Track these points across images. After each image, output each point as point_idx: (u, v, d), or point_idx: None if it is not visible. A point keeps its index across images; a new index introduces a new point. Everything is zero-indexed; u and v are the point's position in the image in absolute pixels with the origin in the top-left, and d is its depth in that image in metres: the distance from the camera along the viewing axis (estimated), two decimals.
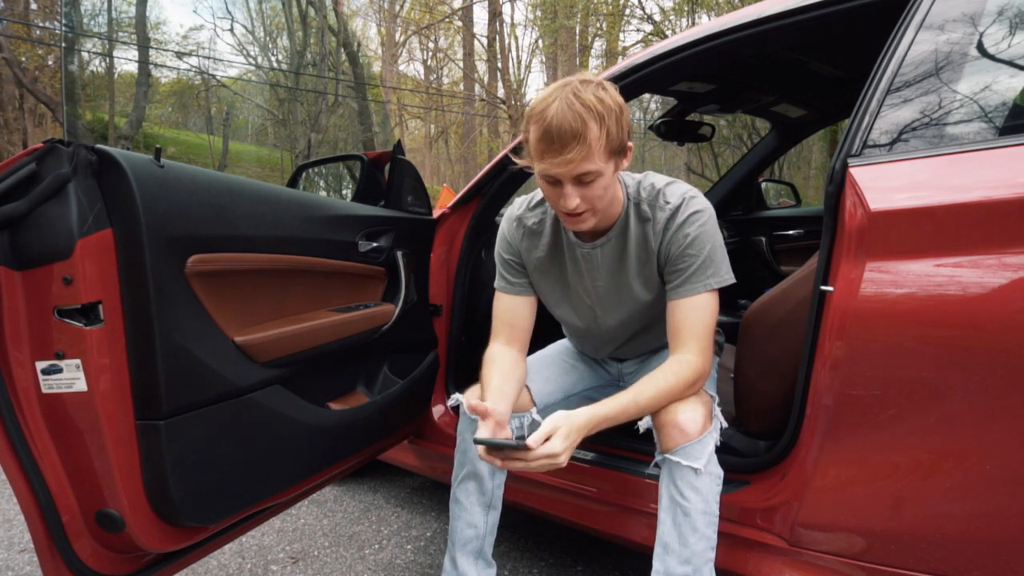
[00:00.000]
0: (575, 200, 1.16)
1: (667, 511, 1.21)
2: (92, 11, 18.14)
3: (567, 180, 1.14)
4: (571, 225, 1.24)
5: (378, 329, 1.61)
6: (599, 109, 1.10)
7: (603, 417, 1.14)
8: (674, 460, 1.19)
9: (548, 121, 1.10)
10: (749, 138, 11.12)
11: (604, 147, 1.12)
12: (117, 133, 16.31)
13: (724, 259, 1.26)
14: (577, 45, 17.61)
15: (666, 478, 1.22)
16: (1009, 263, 0.97)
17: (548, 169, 1.14)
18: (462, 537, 1.40)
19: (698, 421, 1.19)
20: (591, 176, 1.14)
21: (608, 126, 1.12)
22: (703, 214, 1.25)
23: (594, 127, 1.10)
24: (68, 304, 1.02)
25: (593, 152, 1.11)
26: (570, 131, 1.09)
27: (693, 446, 1.18)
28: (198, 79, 21.39)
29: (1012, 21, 1.10)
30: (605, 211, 1.25)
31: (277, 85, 19.30)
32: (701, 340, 1.24)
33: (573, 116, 1.09)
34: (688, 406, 1.21)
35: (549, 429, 1.09)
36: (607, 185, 1.18)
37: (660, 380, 1.20)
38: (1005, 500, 1.00)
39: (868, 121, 1.16)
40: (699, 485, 1.18)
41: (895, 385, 1.06)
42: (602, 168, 1.14)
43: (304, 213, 1.42)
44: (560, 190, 1.17)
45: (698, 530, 1.18)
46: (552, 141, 1.10)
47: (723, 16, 1.52)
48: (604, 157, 1.14)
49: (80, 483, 1.09)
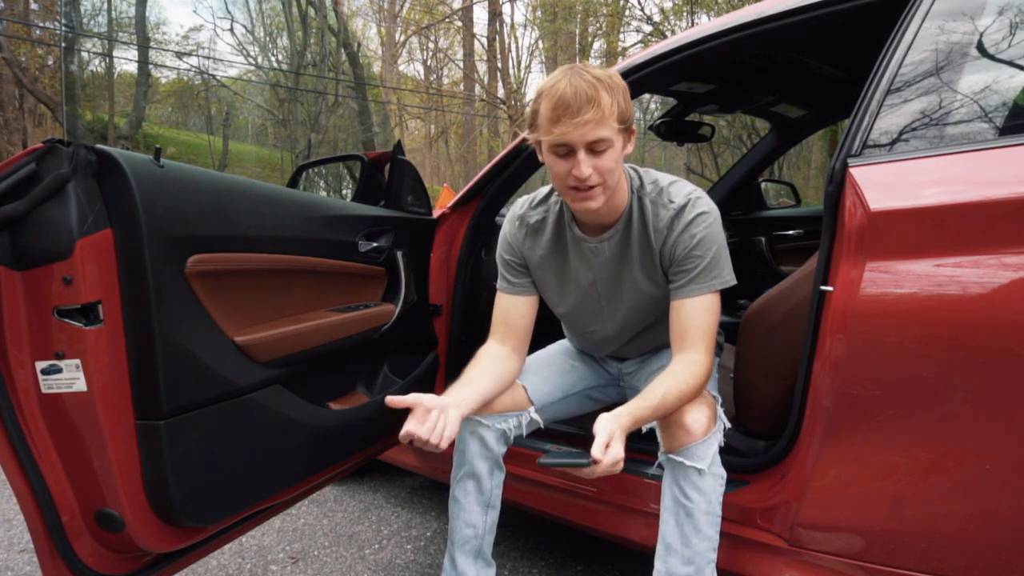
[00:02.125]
0: (588, 168, 1.15)
1: (670, 511, 1.21)
2: (92, 11, 18.17)
3: (580, 146, 1.14)
4: (581, 202, 1.20)
5: (378, 329, 1.61)
6: (608, 82, 1.15)
7: (639, 418, 1.15)
8: (678, 460, 1.19)
9: (562, 91, 1.12)
10: (749, 138, 11.12)
11: (616, 116, 1.15)
12: (117, 133, 16.31)
13: (728, 260, 1.28)
14: (577, 46, 17.61)
15: (669, 478, 1.22)
16: (1009, 263, 0.97)
17: (562, 135, 1.14)
18: (461, 537, 1.40)
19: (703, 422, 1.20)
20: (603, 144, 1.15)
21: (618, 98, 1.15)
22: (709, 215, 1.26)
23: (606, 96, 1.13)
24: (68, 304, 1.02)
25: (606, 118, 1.13)
26: (585, 96, 1.11)
27: (698, 447, 1.18)
28: (198, 79, 21.41)
29: (1012, 21, 1.10)
30: (612, 195, 1.24)
31: (277, 85, 19.30)
32: (706, 339, 1.25)
33: (587, 84, 1.12)
34: (694, 407, 1.21)
35: (606, 437, 1.08)
36: (617, 160, 1.18)
37: (680, 381, 1.20)
38: (1005, 500, 1.00)
39: (868, 121, 1.16)
40: (703, 486, 1.18)
41: (895, 385, 1.06)
42: (613, 138, 1.16)
43: (304, 213, 1.42)
44: (572, 160, 1.16)
45: (701, 530, 1.18)
46: (568, 105, 1.12)
47: (723, 16, 1.52)
48: (616, 128, 1.15)
49: (80, 483, 1.09)
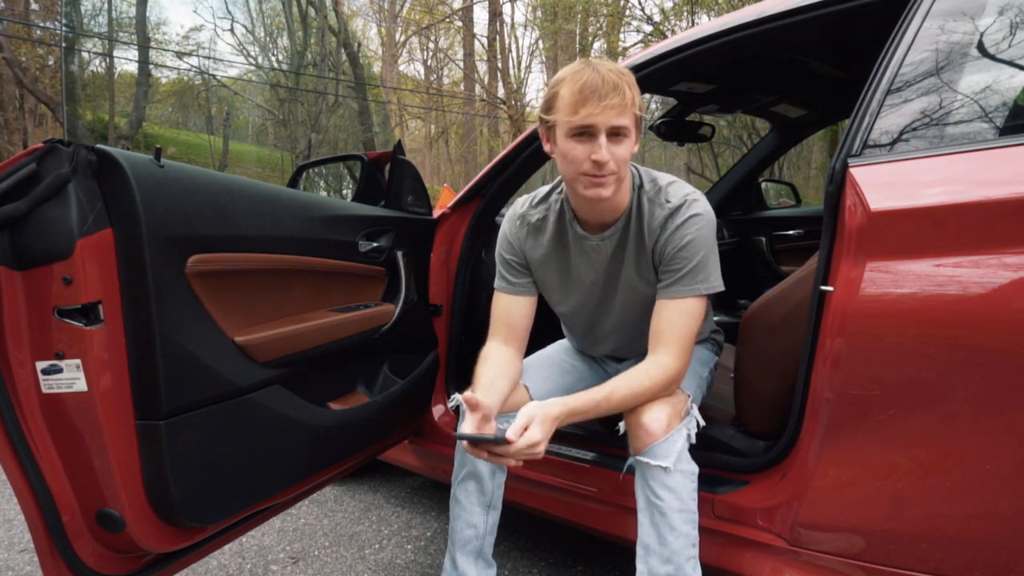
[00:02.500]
0: (607, 153, 1.16)
1: (644, 512, 1.22)
2: (92, 11, 18.17)
3: (603, 130, 1.16)
4: (593, 188, 1.21)
5: (378, 329, 1.61)
6: (627, 77, 1.18)
7: (574, 410, 1.18)
8: (644, 461, 1.21)
9: (586, 77, 1.15)
10: (749, 138, 11.12)
11: (634, 108, 1.17)
12: (117, 133, 16.31)
13: (716, 265, 1.28)
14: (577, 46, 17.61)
15: (640, 479, 1.23)
16: (1009, 263, 0.97)
17: (587, 117, 1.15)
18: (462, 537, 1.40)
19: (663, 420, 1.21)
20: (623, 132, 1.17)
21: (635, 93, 1.18)
22: (702, 218, 1.26)
23: (627, 87, 1.16)
24: (68, 304, 1.02)
25: (627, 107, 1.16)
26: (611, 83, 1.14)
27: (660, 445, 1.19)
28: (198, 79, 21.41)
29: (1012, 21, 1.10)
30: (619, 190, 1.25)
31: (277, 85, 19.30)
32: (681, 343, 1.25)
33: (610, 73, 1.15)
34: (653, 406, 1.22)
35: (525, 420, 1.13)
36: (631, 152, 1.20)
37: (634, 380, 1.23)
38: (1005, 500, 1.00)
39: (868, 121, 1.16)
40: (671, 483, 1.19)
41: (895, 385, 1.06)
42: (631, 128, 1.18)
43: (304, 213, 1.42)
44: (592, 143, 1.17)
45: (675, 528, 1.19)
46: (595, 89, 1.14)
47: (723, 16, 1.52)
48: (633, 119, 1.18)
49: (80, 483, 1.09)
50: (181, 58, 21.63)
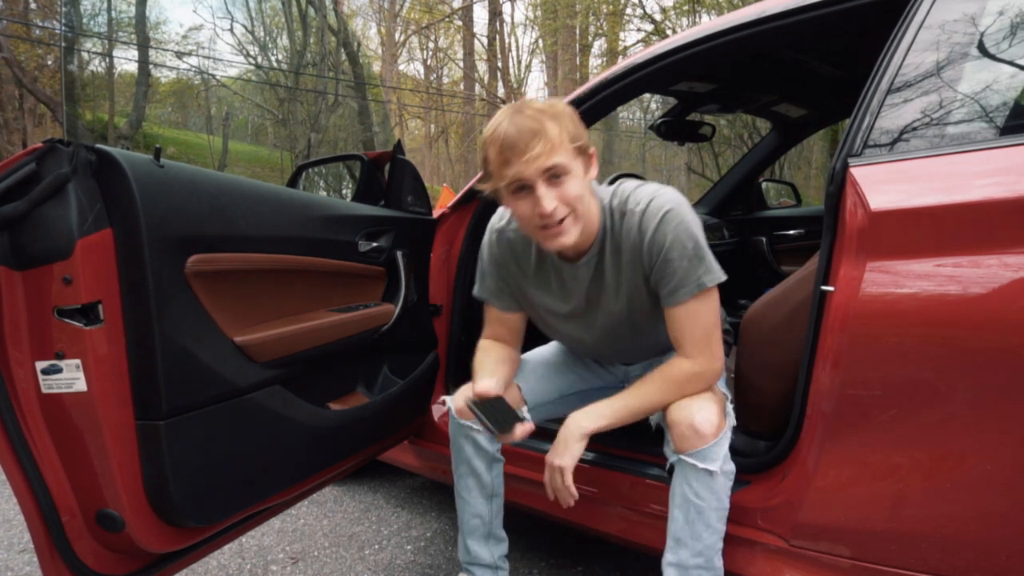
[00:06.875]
0: (551, 201, 1.12)
1: (680, 508, 1.21)
2: (92, 11, 18.12)
3: (537, 179, 1.11)
4: (554, 241, 1.17)
5: (378, 329, 1.61)
6: (551, 111, 1.13)
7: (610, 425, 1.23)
8: (690, 463, 1.18)
9: (505, 131, 1.11)
10: (749, 138, 11.12)
11: (568, 141, 1.12)
12: (117, 133, 16.30)
13: (708, 252, 1.21)
14: (578, 45, 17.60)
15: (680, 476, 1.21)
16: (1009, 263, 0.97)
17: (516, 173, 1.11)
18: (469, 526, 1.46)
19: (713, 422, 1.18)
20: (561, 170, 1.12)
21: (565, 124, 1.13)
22: (675, 211, 1.19)
23: (551, 124, 1.11)
24: (68, 304, 1.02)
25: (556, 146, 1.11)
26: (529, 130, 1.10)
27: (709, 449, 1.17)
28: (198, 79, 21.40)
29: (1012, 21, 1.10)
30: (586, 222, 1.20)
31: (277, 85, 19.29)
32: (699, 343, 1.22)
33: (528, 119, 1.11)
34: (704, 407, 1.19)
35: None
36: (581, 187, 1.15)
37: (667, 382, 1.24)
38: (1005, 500, 1.00)
39: (869, 121, 1.16)
40: (714, 486, 1.18)
41: (896, 385, 1.06)
42: (569, 163, 1.13)
43: (304, 213, 1.42)
44: (533, 198, 1.13)
45: (711, 525, 1.20)
46: (514, 144, 1.10)
47: (723, 16, 1.52)
48: (570, 153, 1.13)
49: (80, 483, 1.09)
50: (181, 58, 21.61)
